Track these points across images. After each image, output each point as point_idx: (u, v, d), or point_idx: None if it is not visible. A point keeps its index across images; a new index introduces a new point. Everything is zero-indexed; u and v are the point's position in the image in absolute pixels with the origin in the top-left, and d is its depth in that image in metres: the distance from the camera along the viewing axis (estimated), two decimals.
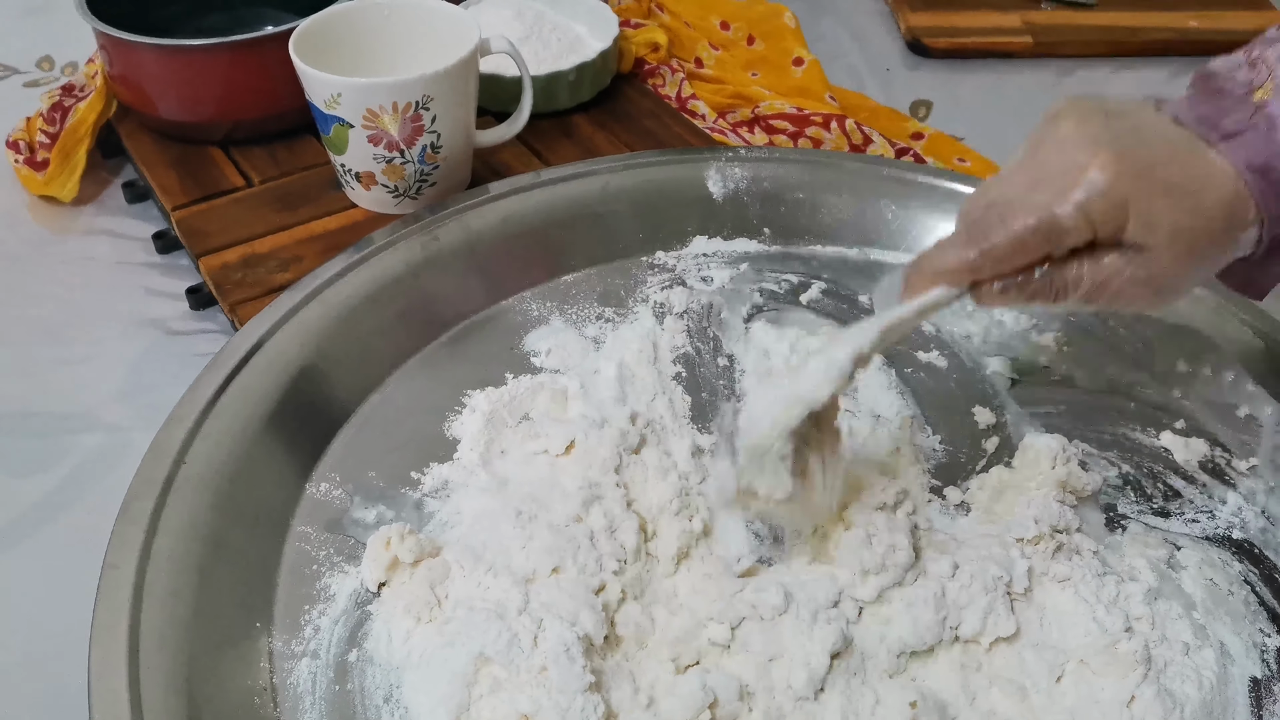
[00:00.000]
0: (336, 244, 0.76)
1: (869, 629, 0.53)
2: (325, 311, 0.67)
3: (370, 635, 0.54)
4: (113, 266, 0.84)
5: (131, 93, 0.86)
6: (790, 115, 0.94)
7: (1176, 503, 0.62)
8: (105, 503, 0.56)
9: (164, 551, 0.53)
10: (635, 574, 0.55)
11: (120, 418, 0.73)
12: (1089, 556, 0.56)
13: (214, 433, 0.59)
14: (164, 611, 0.51)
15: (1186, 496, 0.62)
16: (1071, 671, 0.52)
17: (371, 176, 0.77)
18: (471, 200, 0.75)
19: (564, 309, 0.73)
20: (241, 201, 0.82)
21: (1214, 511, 0.61)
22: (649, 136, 0.91)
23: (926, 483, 0.62)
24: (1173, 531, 0.60)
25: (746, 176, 0.79)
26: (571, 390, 0.65)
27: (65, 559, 0.65)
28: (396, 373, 0.67)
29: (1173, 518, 0.61)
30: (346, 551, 0.58)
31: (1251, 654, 0.54)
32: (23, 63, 1.08)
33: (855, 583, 0.53)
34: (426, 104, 0.73)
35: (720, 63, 1.04)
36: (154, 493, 0.55)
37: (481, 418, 0.64)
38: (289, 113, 0.84)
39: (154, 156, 0.87)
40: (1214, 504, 0.62)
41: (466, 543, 0.56)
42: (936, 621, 0.52)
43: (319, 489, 0.60)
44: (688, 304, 0.73)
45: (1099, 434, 0.65)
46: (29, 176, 0.88)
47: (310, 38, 0.76)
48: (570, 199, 0.77)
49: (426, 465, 0.62)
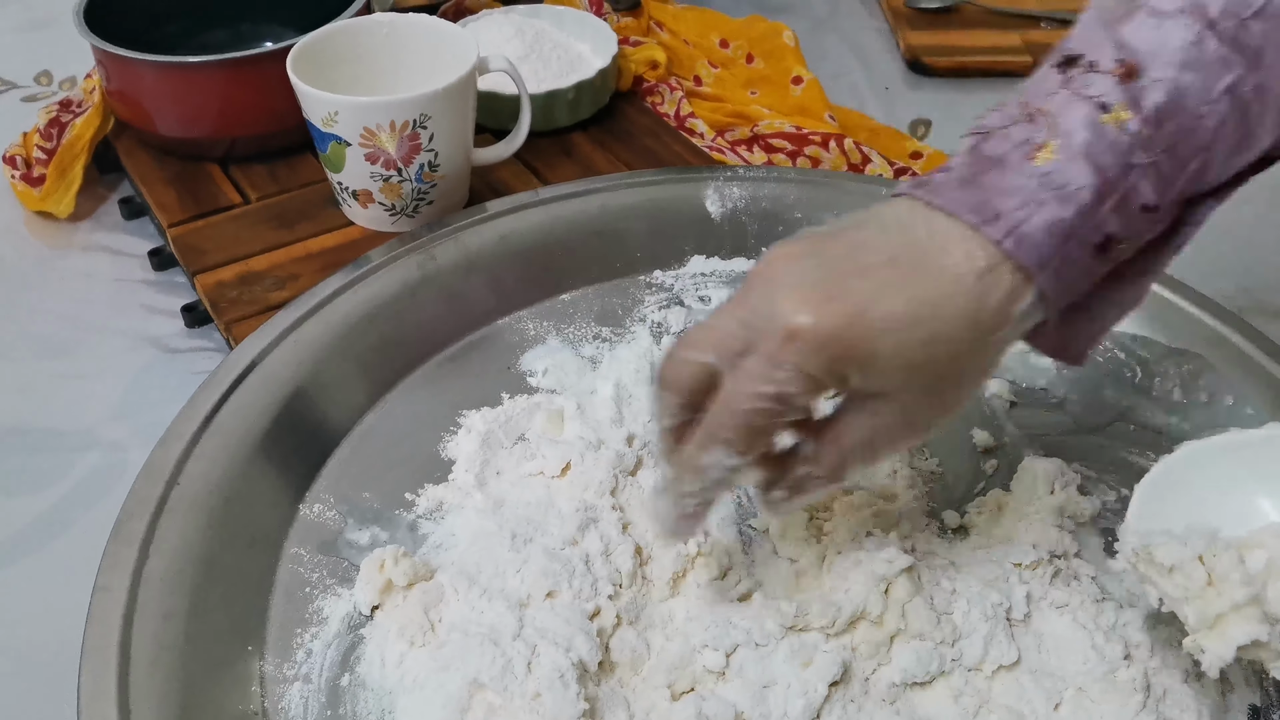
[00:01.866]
0: (333, 262, 0.76)
1: (867, 658, 0.52)
2: (321, 330, 0.66)
3: (363, 659, 0.53)
4: (109, 283, 0.84)
5: (129, 109, 0.86)
6: (789, 134, 0.94)
7: None
8: (102, 521, 0.55)
9: (156, 573, 0.53)
10: (630, 598, 0.55)
11: (117, 435, 0.73)
12: (1087, 582, 0.56)
13: (208, 452, 0.58)
14: (156, 634, 0.51)
15: None
16: (1070, 699, 0.52)
17: (369, 195, 0.77)
18: (469, 219, 0.75)
19: (561, 328, 0.72)
20: (238, 219, 0.82)
21: None
22: (648, 155, 0.90)
23: (924, 506, 0.61)
24: None
25: (745, 196, 0.79)
26: (568, 411, 0.65)
27: (62, 577, 0.64)
28: (392, 392, 0.67)
29: None
30: (340, 574, 0.57)
31: (1251, 682, 0.54)
32: (21, 78, 1.08)
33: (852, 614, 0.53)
34: (424, 122, 0.73)
35: (719, 81, 1.04)
36: (147, 513, 0.55)
37: (477, 438, 0.63)
38: (287, 130, 0.84)
39: (151, 173, 0.87)
40: None
41: (461, 566, 0.56)
42: (937, 651, 0.52)
43: (313, 510, 0.60)
44: (685, 323, 0.73)
45: (1098, 457, 0.65)
46: (25, 192, 0.88)
47: (308, 55, 0.76)
48: (568, 218, 0.77)
49: (421, 486, 0.62)
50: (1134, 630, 0.54)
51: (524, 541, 0.56)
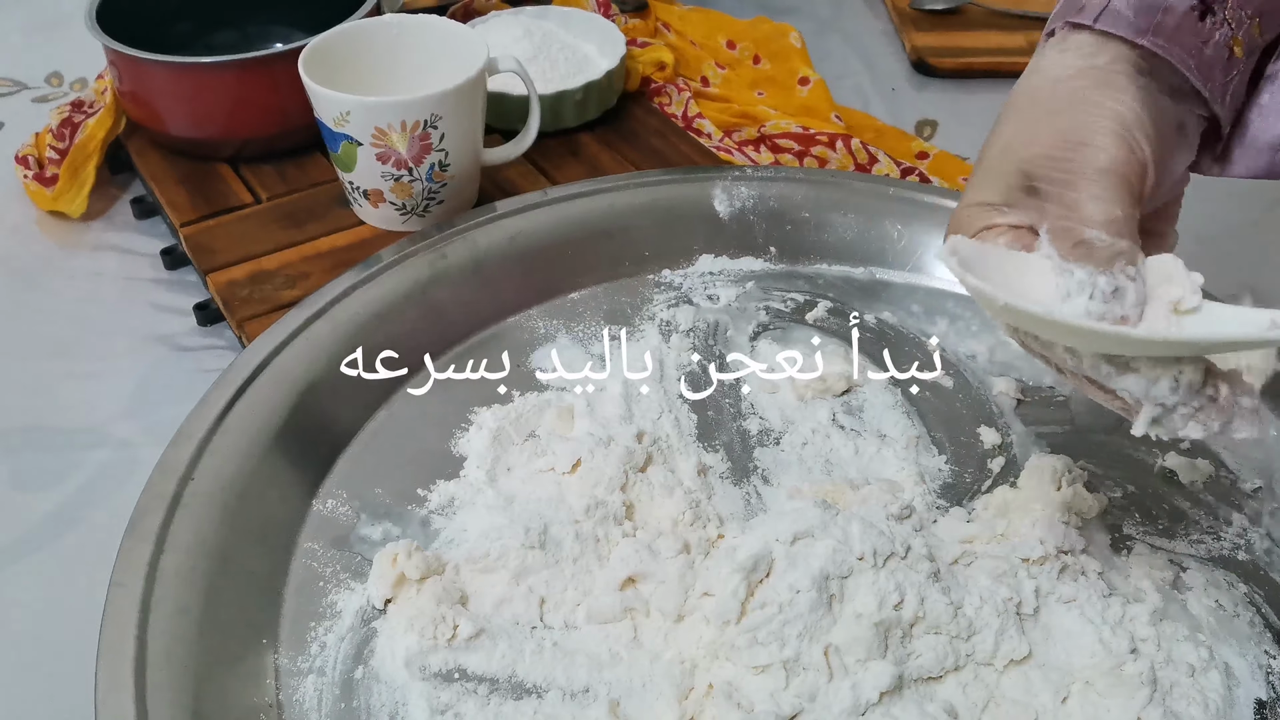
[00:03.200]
0: (344, 261, 0.76)
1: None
2: (333, 328, 0.67)
3: (376, 652, 0.54)
4: (121, 282, 0.85)
5: (141, 109, 0.87)
6: (796, 134, 0.95)
7: (1182, 524, 0.62)
8: (113, 518, 0.56)
9: (171, 568, 0.53)
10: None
11: (128, 433, 0.73)
12: (1094, 577, 0.56)
13: (221, 449, 0.59)
14: (171, 628, 0.51)
15: (1191, 518, 0.62)
16: (1077, 693, 0.52)
17: (379, 194, 0.78)
18: (479, 218, 0.75)
19: (570, 326, 0.73)
20: (249, 218, 0.83)
21: (1219, 533, 0.61)
22: (655, 155, 0.91)
23: (933, 503, 0.62)
24: (1178, 552, 0.60)
25: (753, 195, 0.79)
26: (578, 408, 0.65)
27: (73, 574, 0.65)
28: (403, 390, 0.67)
29: (1178, 539, 0.61)
30: (353, 568, 0.58)
31: (1257, 676, 0.54)
32: (32, 78, 1.09)
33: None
34: (435, 122, 0.74)
35: (726, 82, 1.04)
36: (161, 509, 0.55)
37: (488, 435, 0.64)
38: (298, 130, 0.85)
39: (163, 173, 0.87)
40: (1219, 525, 0.62)
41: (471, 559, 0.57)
42: (953, 645, 0.52)
43: (326, 506, 0.61)
44: (694, 322, 0.73)
45: (1103, 455, 0.65)
46: (38, 192, 0.89)
47: (319, 56, 0.76)
48: (577, 217, 0.77)
49: (433, 482, 0.62)
50: (1141, 625, 0.54)
51: (536, 535, 0.57)
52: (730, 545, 0.55)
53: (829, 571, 0.52)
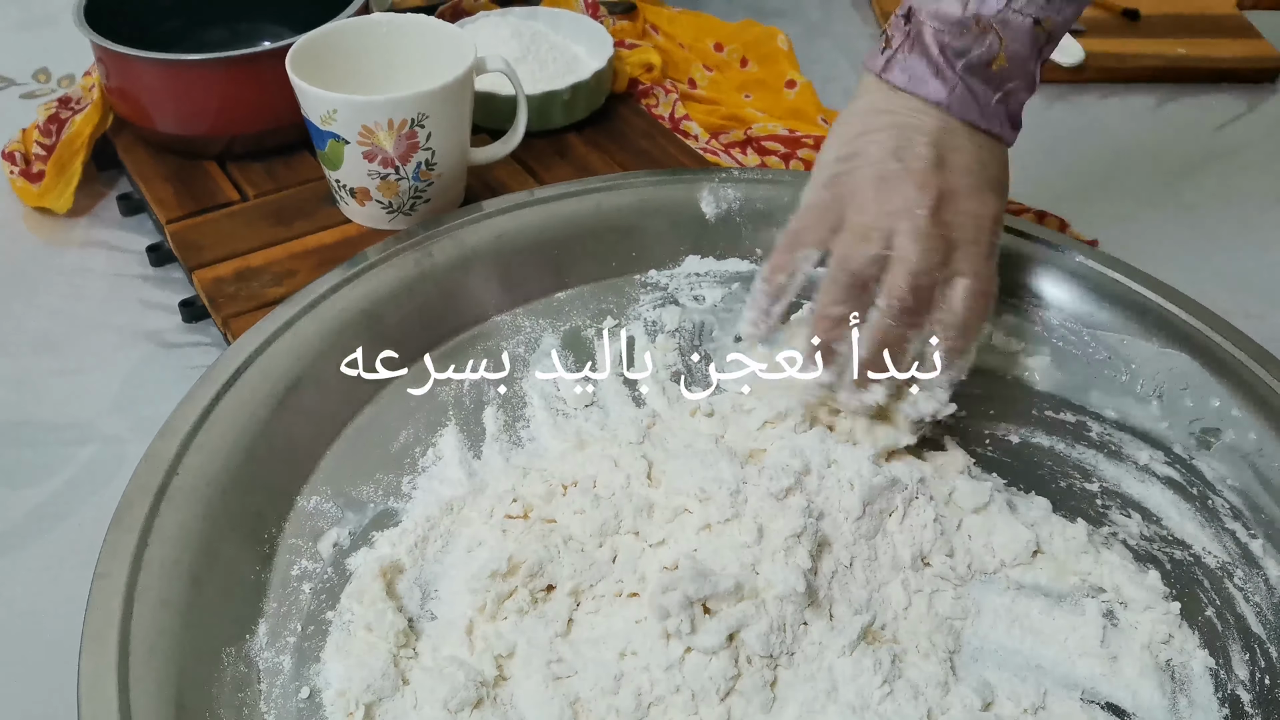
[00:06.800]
0: (330, 259, 0.76)
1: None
2: (318, 326, 0.67)
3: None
4: (107, 278, 0.85)
5: (128, 106, 0.87)
6: (782, 137, 0.95)
7: (1154, 527, 0.63)
8: (100, 513, 0.56)
9: (156, 560, 0.53)
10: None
11: (115, 429, 0.73)
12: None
13: (207, 444, 0.59)
14: (154, 620, 0.51)
15: (1164, 523, 0.63)
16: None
17: (366, 192, 0.78)
18: (466, 217, 0.75)
19: (557, 326, 0.73)
20: (236, 215, 0.83)
21: (1189, 544, 0.62)
22: (643, 156, 0.91)
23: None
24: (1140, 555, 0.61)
25: (739, 197, 0.80)
26: (562, 407, 0.66)
27: (59, 569, 0.65)
28: (389, 387, 0.68)
29: (1154, 543, 0.62)
30: (336, 564, 0.58)
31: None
32: (19, 74, 1.09)
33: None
34: (422, 121, 0.74)
35: (714, 84, 1.05)
36: (147, 501, 0.55)
37: (473, 432, 0.64)
38: (285, 128, 0.85)
39: (149, 170, 0.87)
40: (1191, 533, 0.63)
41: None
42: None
43: (310, 502, 0.61)
44: (680, 322, 0.74)
45: (1080, 461, 0.66)
46: (24, 188, 0.89)
47: (307, 54, 0.77)
48: (564, 217, 0.77)
49: (417, 480, 0.63)
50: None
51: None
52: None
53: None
